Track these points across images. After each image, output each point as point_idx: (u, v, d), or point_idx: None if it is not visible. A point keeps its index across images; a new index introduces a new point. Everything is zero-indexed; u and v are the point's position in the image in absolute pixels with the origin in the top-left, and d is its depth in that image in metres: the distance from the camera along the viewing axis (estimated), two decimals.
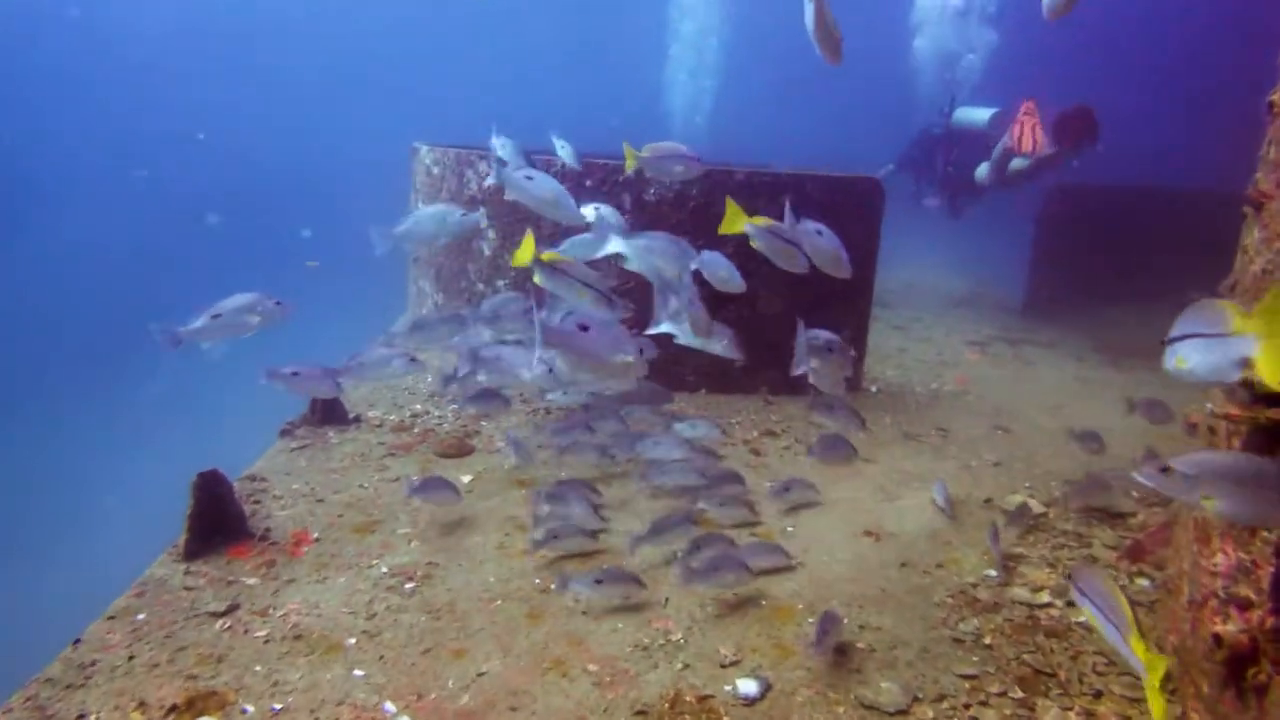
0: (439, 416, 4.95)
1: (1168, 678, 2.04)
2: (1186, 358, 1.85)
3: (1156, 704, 1.76)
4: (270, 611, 2.81)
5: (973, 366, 7.12)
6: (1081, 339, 8.24)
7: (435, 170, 6.09)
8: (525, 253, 2.83)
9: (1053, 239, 10.01)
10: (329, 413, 4.68)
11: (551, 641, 2.75)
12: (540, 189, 3.71)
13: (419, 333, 4.20)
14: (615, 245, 3.53)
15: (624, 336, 2.84)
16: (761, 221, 3.20)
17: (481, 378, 3.82)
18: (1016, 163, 9.31)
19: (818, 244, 3.16)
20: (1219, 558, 2.20)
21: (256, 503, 3.62)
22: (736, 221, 3.25)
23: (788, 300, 5.52)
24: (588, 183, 5.42)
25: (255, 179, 20.91)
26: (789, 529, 3.69)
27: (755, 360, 5.61)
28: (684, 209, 5.36)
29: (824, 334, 3.28)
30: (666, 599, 3.04)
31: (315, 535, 3.38)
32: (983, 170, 9.54)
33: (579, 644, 2.74)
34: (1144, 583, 3.25)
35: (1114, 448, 4.99)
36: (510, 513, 3.70)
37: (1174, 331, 1.90)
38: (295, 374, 3.65)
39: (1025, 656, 2.76)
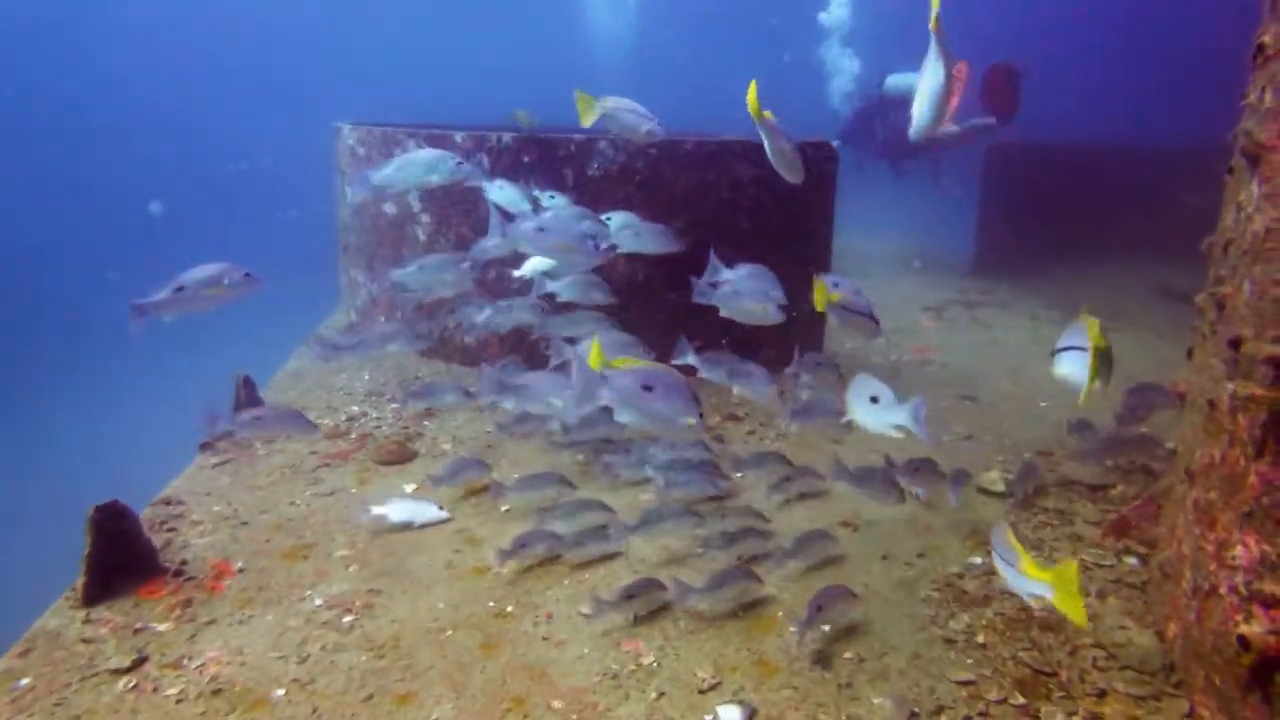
0: (377, 419, 4.60)
1: (1073, 586, 1.94)
2: (1067, 366, 2.23)
3: (1074, 609, 1.93)
4: (185, 662, 2.47)
5: (930, 334, 6.98)
6: (1034, 298, 8.18)
7: (360, 151, 5.66)
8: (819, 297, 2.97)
9: (998, 198, 9.96)
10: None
11: (510, 676, 2.47)
12: (555, 237, 3.51)
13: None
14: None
15: (688, 398, 2.55)
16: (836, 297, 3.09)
17: (509, 405, 3.63)
18: (949, 130, 9.53)
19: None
20: (1239, 550, 2.01)
21: (171, 530, 3.25)
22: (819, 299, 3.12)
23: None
24: (525, 159, 5.06)
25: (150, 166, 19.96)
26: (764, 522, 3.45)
27: (713, 340, 5.37)
28: (629, 183, 5.04)
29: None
30: (635, 616, 2.78)
31: (238, 565, 3.03)
32: (915, 134, 9.57)
33: (541, 676, 2.46)
34: (1132, 560, 3.09)
35: (1082, 412, 4.88)
36: (460, 525, 3.39)
37: (1059, 344, 2.27)
38: (258, 418, 3.32)
39: (1022, 655, 2.57)
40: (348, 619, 2.73)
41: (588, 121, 3.42)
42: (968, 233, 10.42)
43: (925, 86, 2.90)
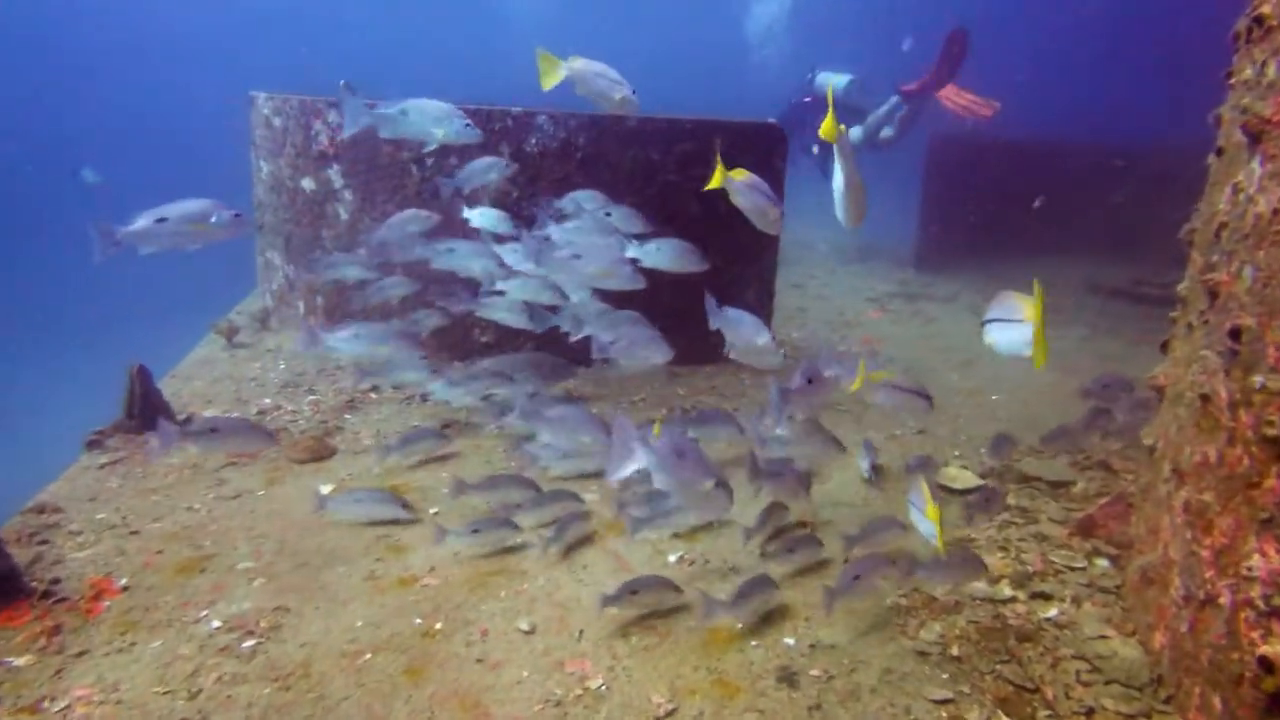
0: (293, 412, 4.19)
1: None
2: (994, 336, 2.24)
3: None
4: (45, 705, 2.08)
5: (875, 325, 6.86)
6: (976, 292, 8.16)
7: (276, 121, 5.20)
8: None
9: (940, 193, 9.95)
10: (152, 414, 3.84)
11: (439, 707, 2.16)
12: (595, 263, 3.56)
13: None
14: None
15: (707, 465, 2.42)
16: None
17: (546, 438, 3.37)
18: (886, 132, 9.73)
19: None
20: (1256, 560, 1.83)
21: (43, 544, 2.82)
22: None
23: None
24: None
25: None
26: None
27: (659, 329, 5.10)
28: (570, 161, 4.73)
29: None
30: (581, 631, 2.49)
31: (122, 583, 2.63)
32: (856, 135, 9.90)
33: (474, 706, 2.16)
34: (1103, 563, 2.95)
35: (1034, 406, 4.79)
36: (383, 530, 3.05)
37: (986, 315, 2.29)
38: (215, 430, 2.91)
39: (1001, 668, 2.37)
40: (249, 643, 2.37)
41: (549, 84, 3.08)
42: (909, 225, 10.41)
43: (835, 188, 2.76)
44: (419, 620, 2.52)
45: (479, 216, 4.10)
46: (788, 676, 2.33)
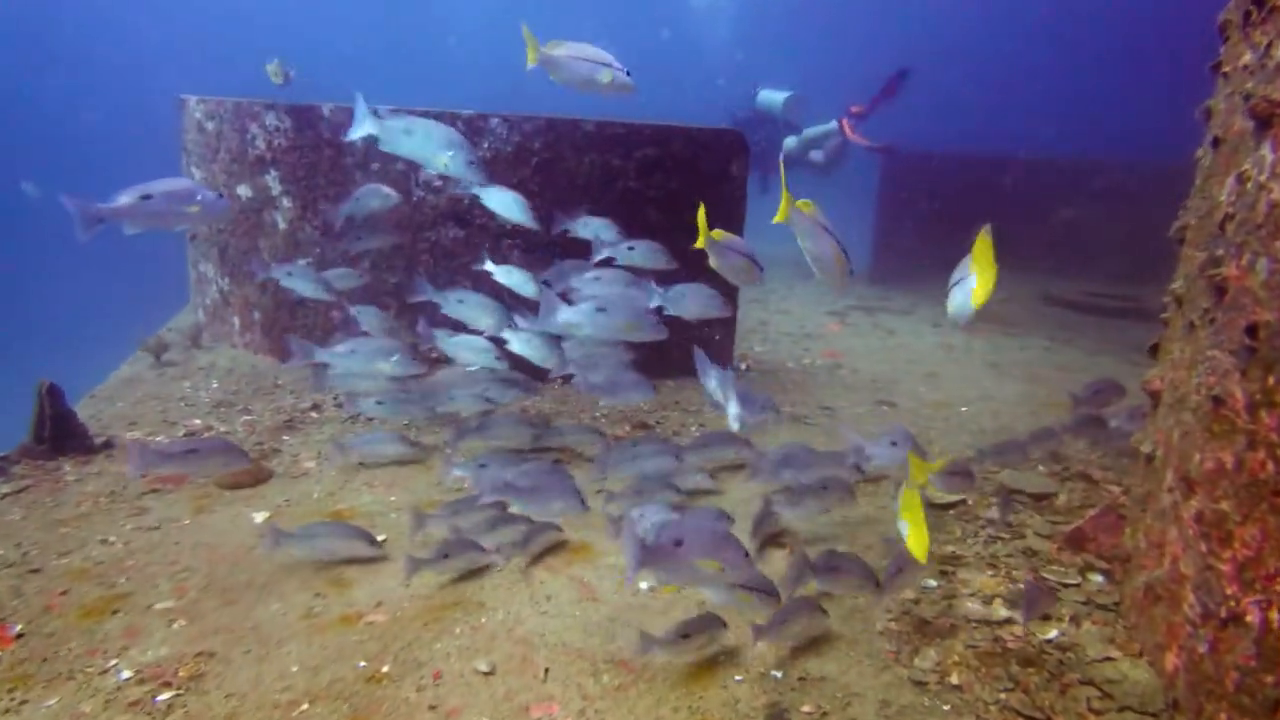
0: (224, 433, 3.86)
1: None
2: (950, 302, 2.16)
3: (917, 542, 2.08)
4: None
5: (837, 338, 6.74)
6: (933, 305, 8.12)
7: (209, 126, 4.87)
8: None
9: (894, 207, 9.97)
10: (64, 437, 3.49)
11: None
12: (620, 316, 3.31)
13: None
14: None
15: (717, 540, 2.12)
16: None
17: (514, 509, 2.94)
18: (815, 155, 10.14)
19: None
20: None
21: None
22: None
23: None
24: None
25: None
26: None
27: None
28: (526, 165, 4.50)
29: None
30: (546, 670, 2.24)
31: (16, 630, 2.30)
32: (790, 143, 10.17)
33: None
34: (1097, 578, 2.80)
35: (1003, 417, 4.68)
36: (325, 564, 2.76)
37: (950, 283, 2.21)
38: (192, 451, 2.66)
39: (1006, 697, 2.19)
40: (165, 696, 2.07)
41: (532, 61, 2.91)
42: (862, 239, 10.40)
43: (810, 259, 2.50)
44: (363, 663, 2.24)
45: (504, 274, 3.85)
46: (778, 714, 2.11)
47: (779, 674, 2.25)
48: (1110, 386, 3.91)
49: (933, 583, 2.78)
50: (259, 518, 3.04)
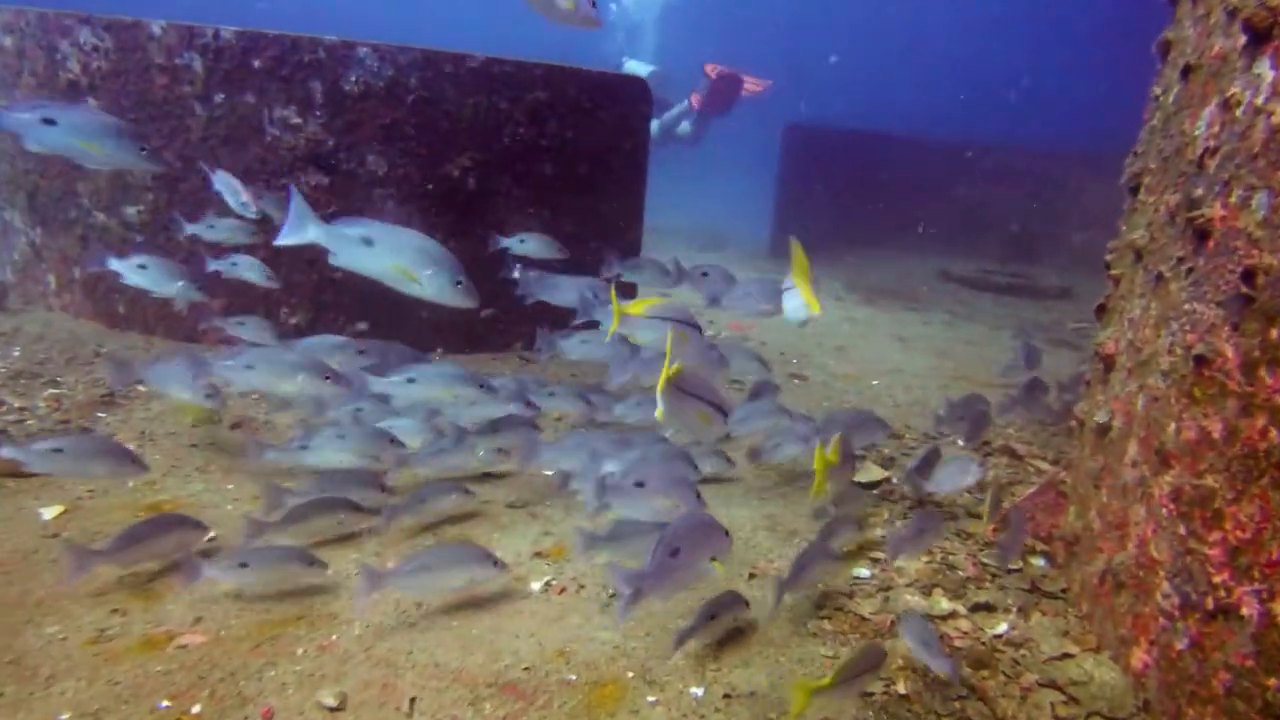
0: (22, 410, 3.17)
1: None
2: (786, 305, 2.31)
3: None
4: None
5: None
6: (834, 280, 7.98)
7: (7, 41, 4.06)
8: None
9: (795, 182, 9.80)
10: None
11: None
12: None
13: None
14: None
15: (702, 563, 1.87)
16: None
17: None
18: (683, 127, 10.36)
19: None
20: None
21: None
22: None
23: (542, 232, 4.34)
24: (255, 63, 3.79)
25: None
26: None
27: (506, 311, 4.39)
28: (399, 105, 3.94)
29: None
30: (413, 701, 1.77)
31: None
32: (653, 128, 10.35)
33: None
34: (1040, 562, 2.54)
35: (916, 390, 4.47)
36: (123, 571, 2.19)
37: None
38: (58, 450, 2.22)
39: (963, 707, 1.87)
40: None
41: None
42: (760, 214, 10.22)
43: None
44: (166, 703, 1.71)
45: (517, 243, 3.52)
46: None
47: (699, 691, 1.87)
48: (1034, 352, 3.75)
49: (865, 572, 2.46)
50: (48, 514, 2.42)
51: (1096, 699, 1.88)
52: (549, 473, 3.06)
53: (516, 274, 3.48)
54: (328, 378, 2.43)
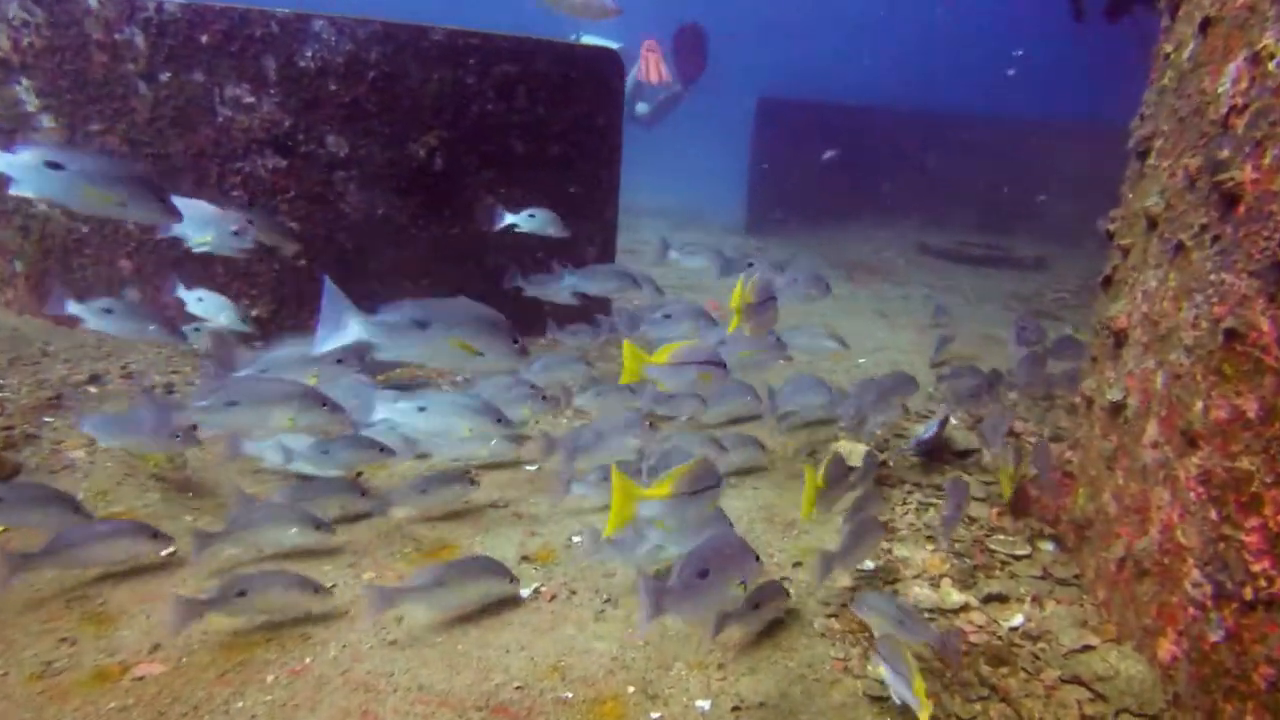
0: None
1: None
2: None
3: None
4: None
5: (719, 290, 6.31)
6: (812, 256, 7.86)
7: None
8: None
9: (767, 157, 9.65)
10: None
11: None
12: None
13: None
14: None
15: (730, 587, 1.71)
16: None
17: None
18: (641, 108, 9.94)
19: None
20: None
21: None
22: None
23: (515, 211, 4.15)
24: (203, 38, 3.55)
25: None
26: (575, 538, 2.42)
27: (479, 294, 4.20)
28: (360, 82, 3.71)
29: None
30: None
31: None
32: None
33: None
34: (1049, 547, 2.45)
35: (903, 367, 4.36)
36: (79, 589, 2.01)
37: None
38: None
39: (985, 710, 1.76)
40: None
41: None
42: (734, 191, 10.08)
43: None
44: None
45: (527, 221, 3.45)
46: None
47: (706, 705, 1.74)
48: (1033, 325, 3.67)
49: (869, 564, 2.34)
50: None
51: (1124, 695, 1.78)
52: (531, 468, 2.92)
53: (520, 283, 3.43)
54: (324, 405, 2.19)
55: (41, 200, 2.08)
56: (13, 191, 2.10)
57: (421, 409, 2.12)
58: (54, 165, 2.08)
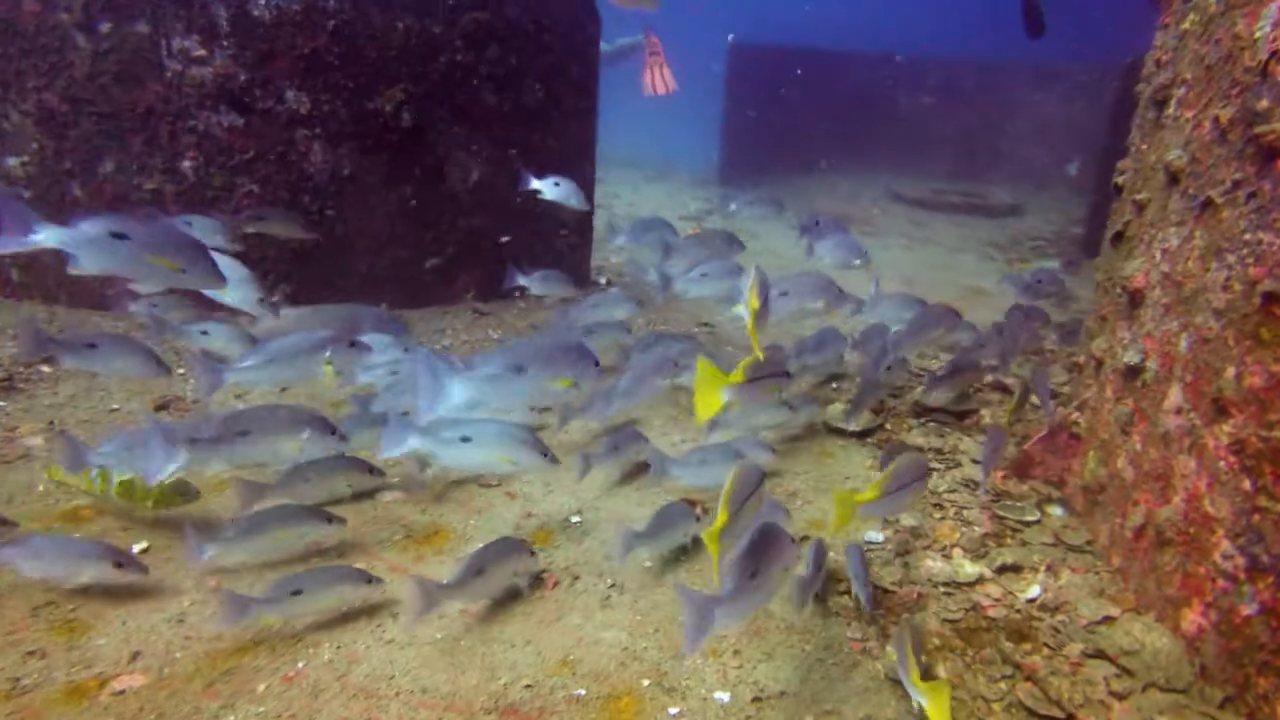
0: None
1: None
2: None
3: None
4: None
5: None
6: (790, 206, 7.73)
7: None
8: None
9: (741, 105, 9.44)
10: None
11: None
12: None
13: None
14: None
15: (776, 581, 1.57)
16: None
17: None
18: (603, 46, 9.56)
19: None
20: None
21: None
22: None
23: (489, 168, 3.97)
24: None
25: None
26: (574, 519, 2.32)
27: (452, 258, 4.03)
28: (320, 32, 3.47)
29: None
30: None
31: None
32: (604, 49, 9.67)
33: None
34: (1057, 511, 2.40)
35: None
36: (45, 597, 1.86)
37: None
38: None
39: (1012, 690, 1.71)
40: None
41: None
42: (703, 143, 9.87)
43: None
44: None
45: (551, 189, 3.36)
46: None
47: (725, 697, 1.66)
48: (1050, 278, 3.62)
49: (878, 536, 2.28)
50: None
51: (1151, 669, 1.74)
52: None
53: (525, 282, 3.40)
54: (333, 432, 2.04)
55: (101, 273, 1.88)
56: (74, 270, 1.90)
57: (466, 439, 2.00)
58: (118, 236, 1.89)
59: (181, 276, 1.97)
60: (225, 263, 2.27)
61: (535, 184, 3.29)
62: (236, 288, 2.77)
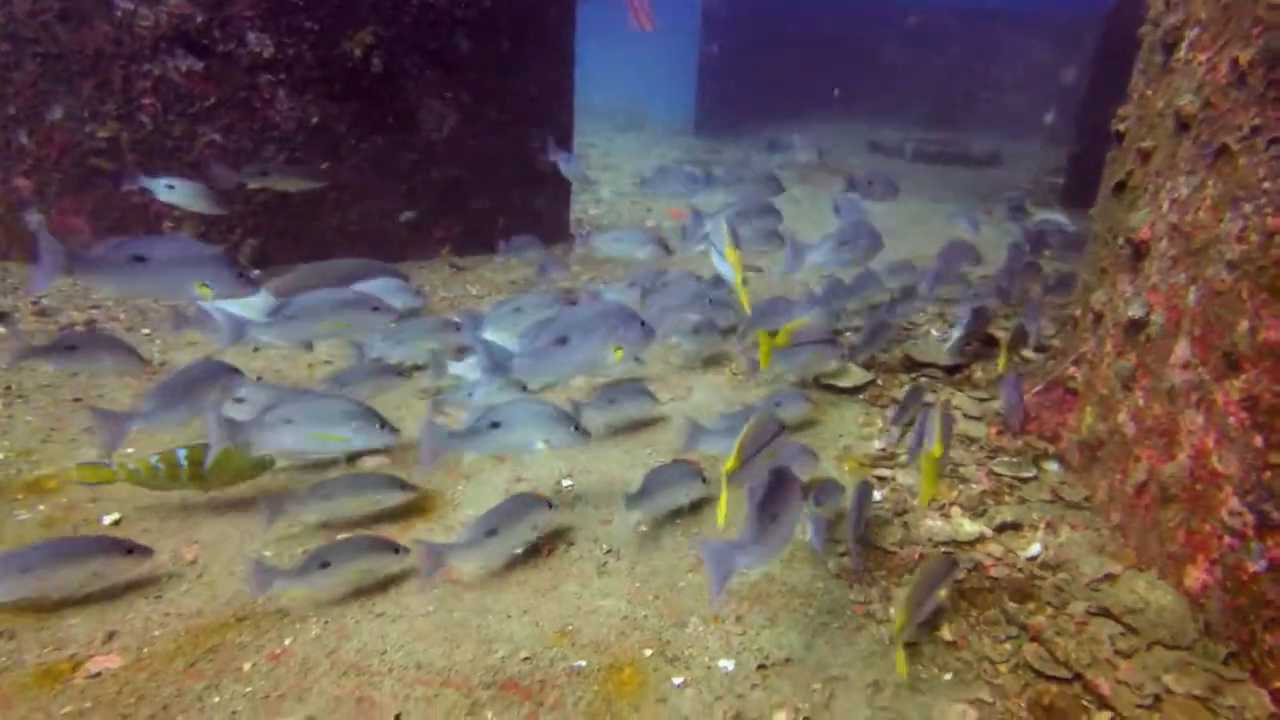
0: None
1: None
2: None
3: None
4: None
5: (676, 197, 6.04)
6: (764, 158, 7.60)
7: None
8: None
9: (718, 61, 9.22)
10: None
11: None
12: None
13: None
14: None
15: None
16: None
17: None
18: None
19: None
20: None
21: None
22: None
23: (464, 116, 3.81)
24: None
25: None
26: (565, 483, 2.26)
27: (426, 210, 3.89)
28: None
29: None
30: (398, 717, 1.46)
31: None
32: None
33: None
34: (1054, 467, 2.38)
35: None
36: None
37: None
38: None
39: (1015, 651, 1.69)
40: None
41: None
42: (674, 92, 9.65)
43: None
44: None
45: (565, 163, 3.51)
46: None
47: (730, 665, 1.62)
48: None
49: (875, 495, 2.24)
50: None
51: (1156, 626, 1.72)
52: None
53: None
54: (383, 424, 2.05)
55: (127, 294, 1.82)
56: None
57: (495, 425, 1.92)
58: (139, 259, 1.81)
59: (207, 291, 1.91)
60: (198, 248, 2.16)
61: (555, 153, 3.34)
62: (194, 197, 2.75)
